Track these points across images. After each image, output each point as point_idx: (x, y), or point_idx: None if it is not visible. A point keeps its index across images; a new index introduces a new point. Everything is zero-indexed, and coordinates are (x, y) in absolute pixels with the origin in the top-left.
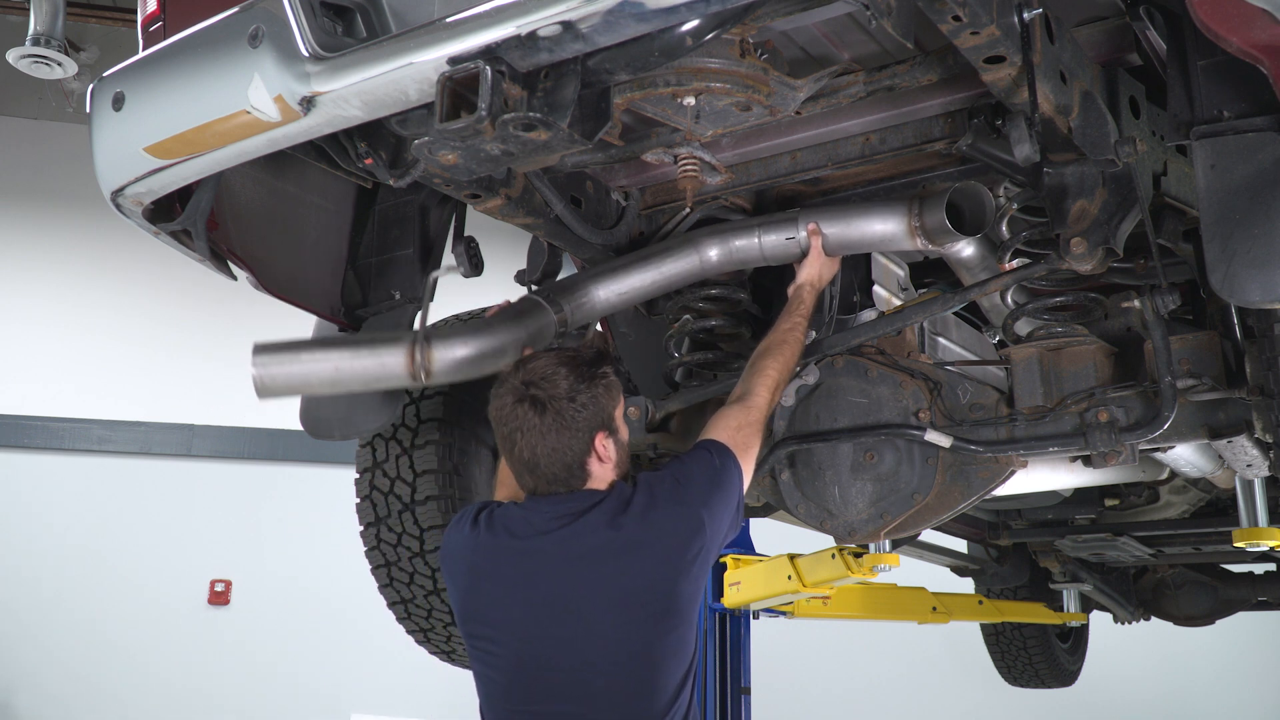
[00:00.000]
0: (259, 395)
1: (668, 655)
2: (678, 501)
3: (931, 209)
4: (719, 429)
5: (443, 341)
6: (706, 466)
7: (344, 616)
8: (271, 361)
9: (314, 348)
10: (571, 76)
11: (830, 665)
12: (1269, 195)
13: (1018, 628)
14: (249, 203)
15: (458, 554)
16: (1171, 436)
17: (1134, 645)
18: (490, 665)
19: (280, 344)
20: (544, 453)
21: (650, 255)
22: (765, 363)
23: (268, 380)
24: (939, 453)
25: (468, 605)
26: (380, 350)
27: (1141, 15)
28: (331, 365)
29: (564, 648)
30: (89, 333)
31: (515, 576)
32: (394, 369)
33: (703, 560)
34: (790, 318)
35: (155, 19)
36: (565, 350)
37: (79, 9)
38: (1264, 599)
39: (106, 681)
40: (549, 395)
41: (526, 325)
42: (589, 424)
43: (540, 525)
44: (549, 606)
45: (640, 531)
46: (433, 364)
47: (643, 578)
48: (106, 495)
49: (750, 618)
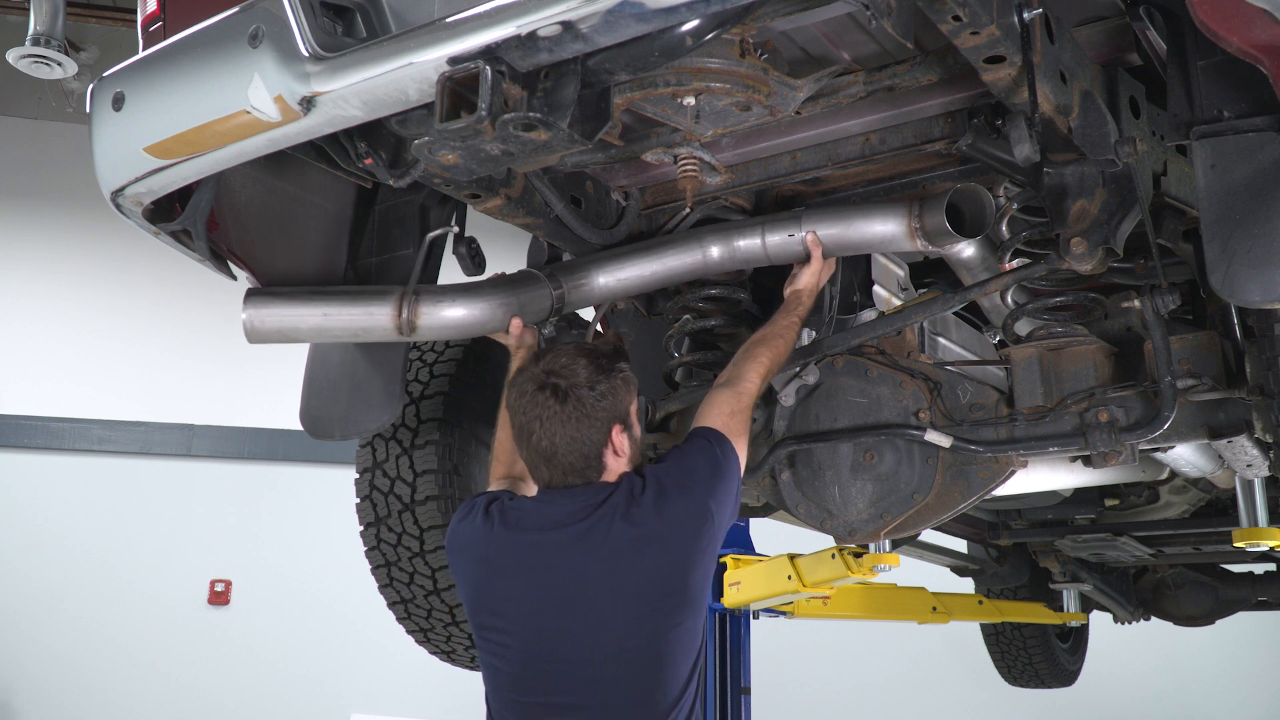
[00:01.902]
0: (249, 339)
1: (677, 647)
2: (686, 492)
3: (931, 211)
4: (712, 415)
5: (432, 299)
6: (708, 456)
7: (344, 616)
8: (262, 306)
9: (304, 296)
10: (571, 76)
11: (830, 665)
12: (1269, 195)
13: (1018, 628)
14: (249, 203)
15: (468, 546)
16: (1171, 436)
17: (1134, 645)
18: (500, 656)
19: (271, 290)
20: (563, 441)
21: (653, 246)
22: (759, 350)
23: (258, 324)
24: (939, 453)
25: (479, 597)
26: (369, 303)
27: (1141, 15)
28: (320, 312)
29: (575, 640)
30: (89, 333)
31: (529, 569)
32: (380, 321)
33: (711, 549)
34: (788, 316)
35: (155, 19)
36: (584, 344)
37: (79, 9)
38: (1264, 599)
39: (106, 681)
40: (570, 384)
41: (519, 294)
42: (607, 415)
43: (556, 519)
44: (562, 599)
45: (654, 525)
46: (419, 320)
47: (657, 571)
48: (106, 495)
49: (750, 618)
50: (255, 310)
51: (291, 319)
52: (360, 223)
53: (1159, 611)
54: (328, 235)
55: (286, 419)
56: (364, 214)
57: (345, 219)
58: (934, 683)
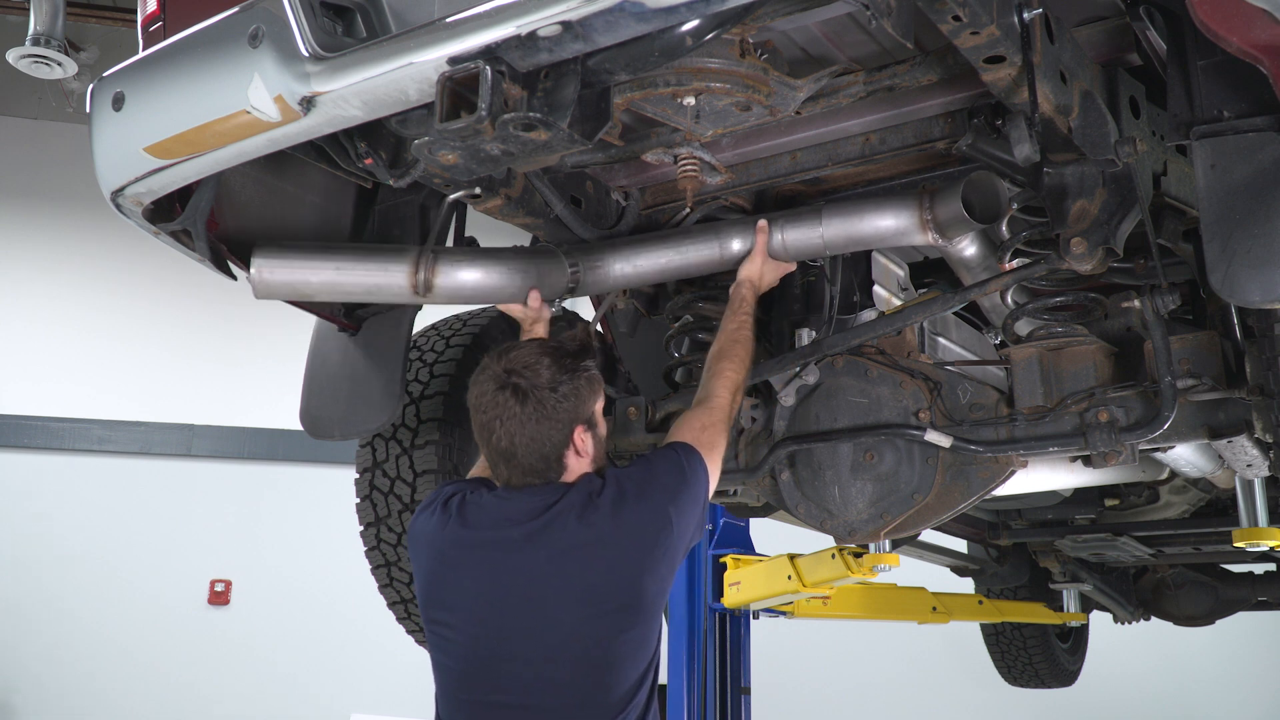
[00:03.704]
0: (256, 293)
1: (626, 652)
2: (645, 498)
3: (945, 201)
4: (683, 431)
5: (450, 260)
6: (674, 465)
7: (344, 616)
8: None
9: (317, 250)
10: (571, 76)
11: (830, 665)
12: (1269, 195)
13: (1018, 628)
14: (249, 203)
15: (425, 539)
16: (1171, 436)
17: (1134, 645)
18: (447, 653)
19: (283, 244)
20: (523, 442)
21: (671, 236)
22: (720, 365)
23: (268, 277)
24: (939, 453)
25: (431, 591)
26: (385, 260)
27: (1141, 15)
28: (333, 266)
29: (523, 639)
30: (89, 333)
31: (481, 566)
32: (396, 280)
33: (669, 559)
34: (735, 317)
35: (155, 19)
36: (548, 341)
37: (79, 9)
38: (1264, 599)
39: (106, 681)
40: (531, 384)
41: (539, 266)
42: (569, 416)
43: (512, 516)
44: (512, 598)
45: (609, 528)
46: (435, 280)
47: (609, 574)
48: (106, 495)
49: (750, 618)
50: (265, 262)
51: (302, 272)
52: (360, 223)
53: (1159, 611)
54: (328, 235)
55: (286, 419)
56: (364, 214)
57: (345, 219)
58: (934, 683)
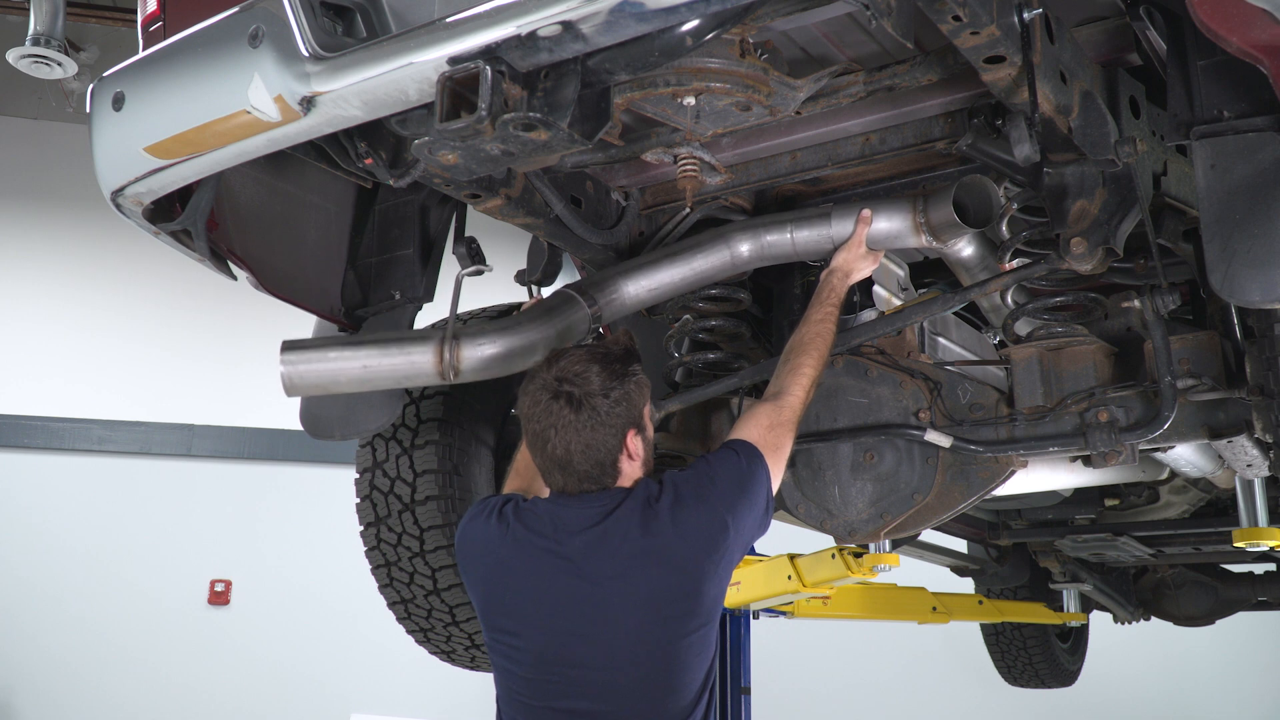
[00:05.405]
0: (287, 393)
1: (691, 654)
2: (703, 503)
3: (937, 204)
4: (749, 427)
5: (471, 340)
6: (733, 468)
7: (344, 616)
8: (300, 359)
9: (343, 345)
10: (571, 76)
11: (830, 665)
12: (1269, 195)
13: (1018, 628)
14: (249, 203)
15: (481, 547)
16: (1171, 436)
17: (1134, 645)
18: (512, 660)
19: (309, 341)
20: (578, 449)
21: (681, 251)
22: (800, 359)
23: (296, 378)
24: (939, 453)
25: (491, 599)
26: (409, 348)
27: (1141, 15)
28: (359, 364)
29: (589, 645)
30: (89, 333)
31: (543, 573)
32: (423, 367)
33: (727, 562)
34: (821, 307)
35: (155, 19)
36: (595, 347)
37: (79, 9)
38: (1264, 599)
39: (106, 681)
40: (584, 392)
41: (556, 322)
42: (622, 421)
43: (571, 524)
44: (576, 604)
45: (669, 534)
46: (461, 362)
47: (669, 580)
48: (106, 495)
49: (750, 618)
50: (293, 364)
51: (330, 372)
52: (360, 223)
53: (1159, 611)
54: (328, 235)
55: (286, 419)
56: (364, 214)
57: (345, 219)
58: (934, 683)
